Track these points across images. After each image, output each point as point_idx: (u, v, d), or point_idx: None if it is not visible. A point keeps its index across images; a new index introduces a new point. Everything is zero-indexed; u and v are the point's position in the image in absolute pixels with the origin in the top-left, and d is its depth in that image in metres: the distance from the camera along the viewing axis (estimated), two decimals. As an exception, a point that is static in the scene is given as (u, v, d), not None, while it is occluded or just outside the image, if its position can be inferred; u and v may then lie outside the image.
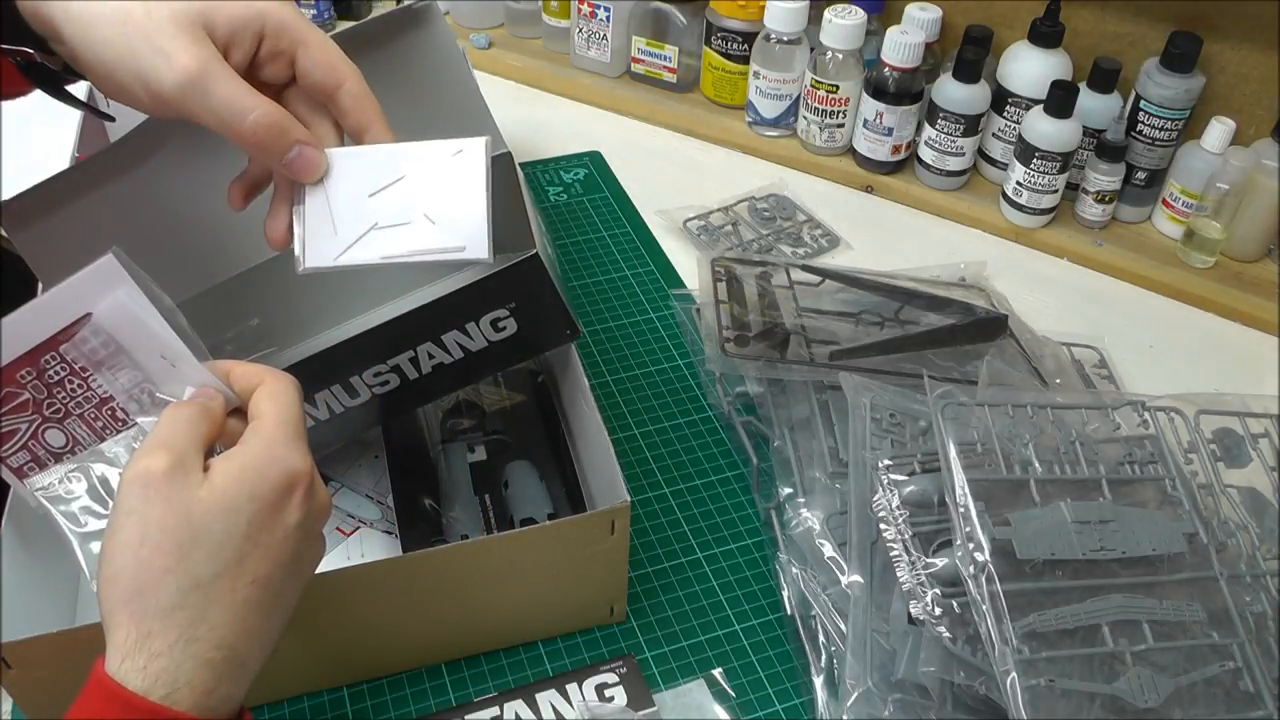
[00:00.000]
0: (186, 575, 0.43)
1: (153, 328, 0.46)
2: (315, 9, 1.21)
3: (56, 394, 0.47)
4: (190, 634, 0.42)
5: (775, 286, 0.86)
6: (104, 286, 0.45)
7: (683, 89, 1.16)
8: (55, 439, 0.48)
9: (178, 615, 0.42)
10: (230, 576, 0.44)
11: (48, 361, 0.46)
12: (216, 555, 0.43)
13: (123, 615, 0.42)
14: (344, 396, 0.66)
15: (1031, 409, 0.69)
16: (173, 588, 0.42)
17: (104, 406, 0.48)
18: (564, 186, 1.06)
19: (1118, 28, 0.99)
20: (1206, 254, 0.97)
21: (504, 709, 0.62)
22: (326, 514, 0.49)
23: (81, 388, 0.47)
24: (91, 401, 0.48)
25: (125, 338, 0.46)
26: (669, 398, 0.84)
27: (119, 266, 0.45)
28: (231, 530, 0.44)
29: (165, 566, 0.42)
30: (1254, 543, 0.66)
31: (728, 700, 0.64)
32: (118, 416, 0.48)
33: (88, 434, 0.48)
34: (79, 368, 0.46)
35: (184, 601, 0.42)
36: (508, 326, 0.65)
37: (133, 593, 0.42)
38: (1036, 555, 0.61)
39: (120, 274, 0.45)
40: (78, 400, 0.47)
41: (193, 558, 0.43)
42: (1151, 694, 0.58)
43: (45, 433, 0.48)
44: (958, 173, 1.03)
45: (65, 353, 0.46)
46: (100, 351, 0.46)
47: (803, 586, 0.67)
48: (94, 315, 0.45)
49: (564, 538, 0.61)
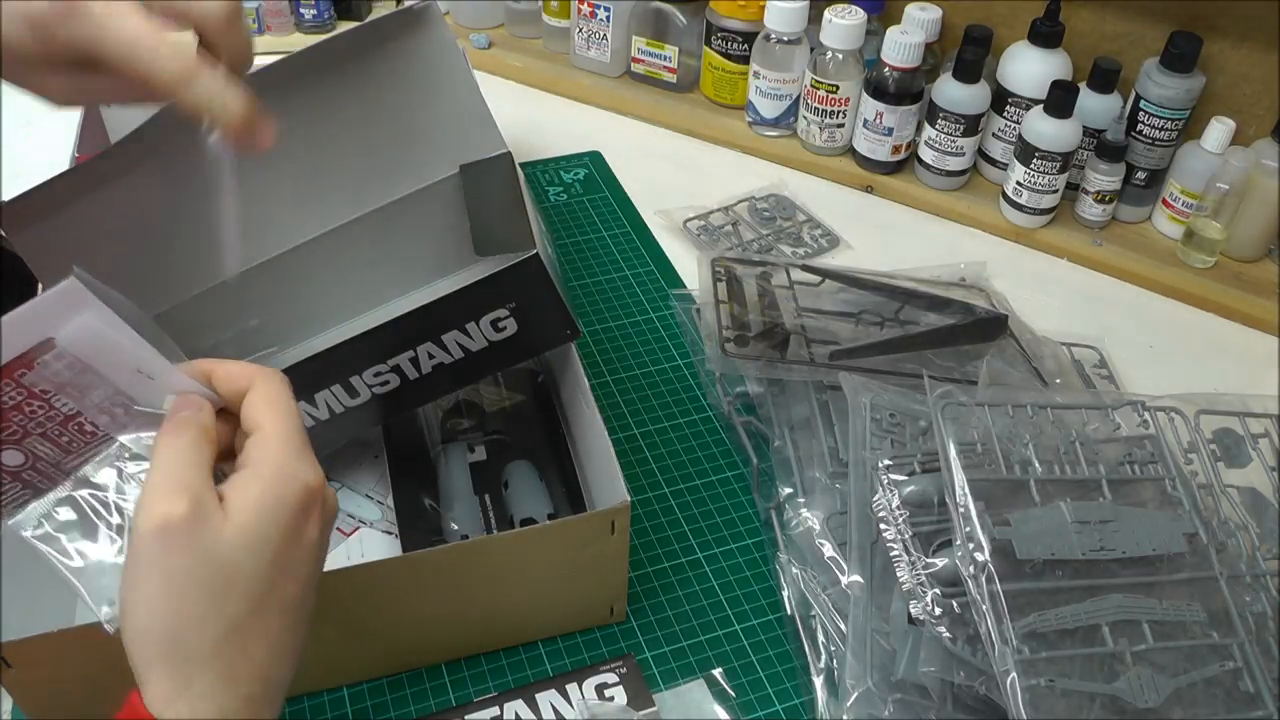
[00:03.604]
0: (222, 619, 0.41)
1: (125, 345, 0.44)
2: (315, 9, 1.21)
3: (12, 417, 0.44)
4: (231, 674, 0.41)
5: (775, 286, 0.86)
6: (68, 309, 0.42)
7: (683, 89, 1.16)
8: (12, 459, 0.45)
9: (217, 660, 0.41)
10: (263, 609, 0.43)
11: (2, 388, 0.43)
12: (249, 593, 0.42)
13: (159, 667, 0.41)
14: (344, 396, 0.66)
15: (1031, 409, 0.69)
16: (210, 634, 0.41)
17: (69, 423, 0.45)
18: (564, 186, 1.06)
19: (1118, 28, 0.99)
20: (1206, 254, 0.97)
21: (504, 709, 0.62)
22: (336, 515, 0.48)
23: (43, 408, 0.44)
24: (55, 419, 0.45)
25: (94, 358, 0.44)
26: (669, 398, 0.84)
27: (83, 289, 0.41)
28: (260, 564, 0.42)
29: (199, 614, 0.41)
30: (1254, 543, 0.66)
31: (728, 700, 0.64)
32: (86, 430, 0.46)
33: (52, 450, 0.46)
34: (39, 390, 0.44)
35: (222, 645, 0.41)
36: (508, 327, 0.65)
37: (168, 645, 0.41)
38: (1036, 555, 0.61)
39: (85, 296, 0.42)
40: (38, 419, 0.45)
41: (226, 600, 0.42)
42: (1151, 694, 0.58)
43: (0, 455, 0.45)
44: (958, 173, 1.03)
45: (22, 379, 0.43)
46: (65, 374, 0.44)
47: (803, 586, 0.67)
48: (58, 340, 0.43)
49: (564, 538, 0.61)
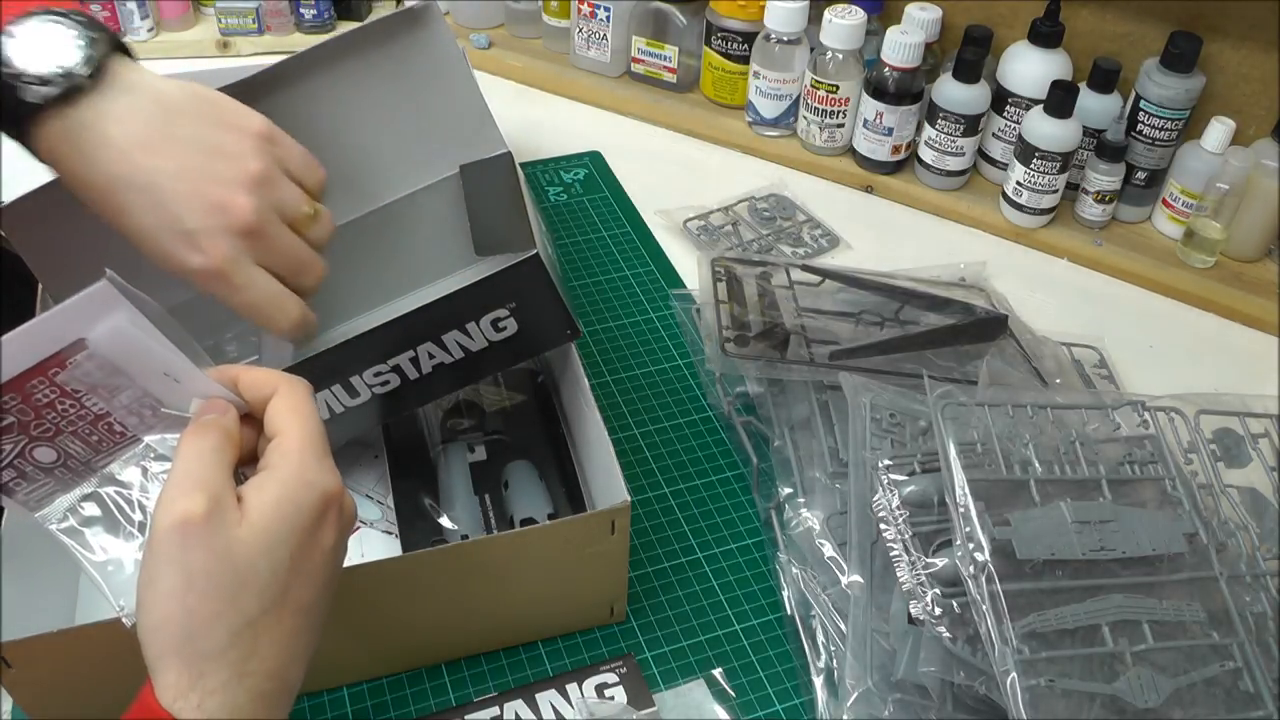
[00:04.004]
0: (236, 617, 0.42)
1: (154, 348, 0.45)
2: (315, 9, 1.21)
3: (46, 415, 0.45)
4: (242, 670, 0.42)
5: (775, 286, 0.86)
6: (100, 312, 0.43)
7: (683, 89, 1.16)
8: (45, 455, 0.47)
9: (229, 655, 0.42)
10: (277, 610, 0.43)
11: (35, 386, 0.44)
12: (264, 593, 0.43)
13: (172, 660, 0.41)
14: (344, 396, 0.66)
15: (1031, 409, 0.69)
16: (223, 630, 0.42)
17: (99, 422, 0.47)
18: (564, 186, 1.06)
19: (1118, 28, 0.99)
20: (1206, 254, 0.97)
21: (504, 709, 0.62)
22: (354, 522, 0.49)
23: (74, 407, 0.46)
24: (85, 418, 0.46)
25: (124, 360, 0.45)
26: (669, 398, 0.84)
27: (115, 291, 0.43)
28: (276, 566, 0.43)
29: (214, 611, 0.42)
30: (1254, 543, 0.66)
31: (728, 700, 0.64)
32: (115, 430, 0.47)
33: (83, 448, 0.47)
34: (70, 389, 0.45)
35: (235, 642, 0.42)
36: (508, 326, 0.65)
37: (182, 640, 0.42)
38: (1036, 555, 0.61)
39: (117, 299, 0.43)
40: (69, 418, 0.46)
41: (240, 599, 0.42)
42: (1151, 694, 0.58)
43: (34, 451, 0.46)
44: (958, 173, 1.03)
45: (55, 377, 0.44)
46: (96, 374, 0.45)
47: (803, 586, 0.67)
48: (90, 341, 0.44)
49: (564, 538, 0.61)
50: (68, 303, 0.43)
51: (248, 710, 0.42)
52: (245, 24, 1.20)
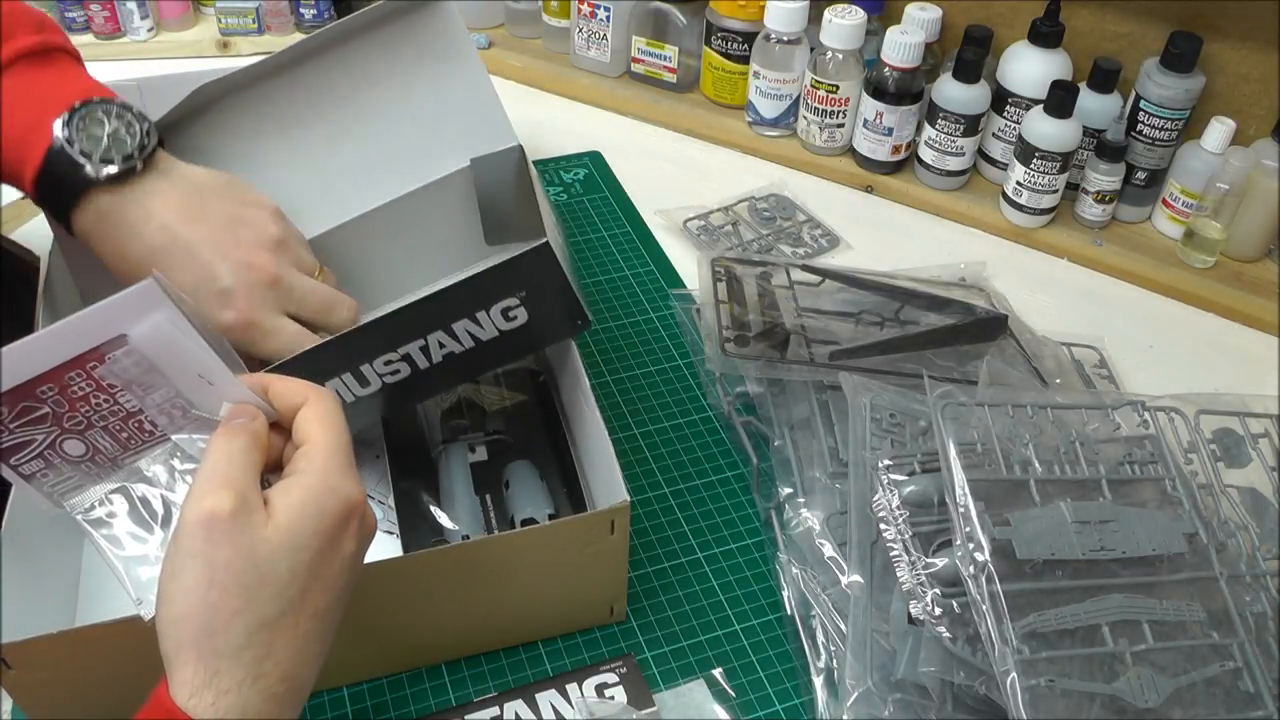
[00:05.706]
0: (254, 616, 0.43)
1: (192, 349, 0.46)
2: (315, 9, 1.21)
3: (79, 408, 0.46)
4: (257, 670, 0.43)
5: (775, 286, 0.86)
6: (143, 309, 0.45)
7: (683, 89, 1.16)
8: (74, 448, 0.48)
9: (245, 654, 0.43)
10: (294, 612, 0.44)
11: (72, 379, 0.45)
12: (282, 594, 0.44)
13: (189, 654, 0.42)
14: (355, 385, 0.66)
15: (1031, 409, 0.69)
16: (241, 629, 0.43)
17: (130, 420, 0.48)
18: (564, 186, 1.06)
19: (1118, 28, 0.99)
20: (1206, 254, 0.97)
21: (504, 709, 0.62)
22: (375, 532, 0.50)
23: (107, 402, 0.47)
24: (118, 415, 0.47)
25: (161, 359, 0.46)
26: (669, 398, 0.84)
27: (160, 291, 0.44)
28: (296, 568, 0.44)
29: (234, 609, 0.43)
30: (1254, 543, 0.66)
31: (728, 700, 0.64)
32: (145, 429, 0.48)
33: (111, 445, 0.48)
34: (106, 384, 0.46)
35: (251, 641, 0.43)
36: (518, 316, 0.65)
37: (201, 634, 0.42)
38: (1036, 555, 0.61)
39: (160, 298, 0.44)
40: (102, 413, 0.47)
41: (260, 599, 0.43)
42: (1151, 694, 0.58)
43: (63, 443, 0.47)
44: (958, 173, 1.04)
45: (93, 371, 0.45)
46: (133, 371, 0.46)
47: (803, 586, 0.67)
48: (131, 337, 0.45)
49: (564, 538, 0.61)
50: (113, 299, 0.44)
51: (260, 711, 0.43)
52: (245, 24, 1.20)
